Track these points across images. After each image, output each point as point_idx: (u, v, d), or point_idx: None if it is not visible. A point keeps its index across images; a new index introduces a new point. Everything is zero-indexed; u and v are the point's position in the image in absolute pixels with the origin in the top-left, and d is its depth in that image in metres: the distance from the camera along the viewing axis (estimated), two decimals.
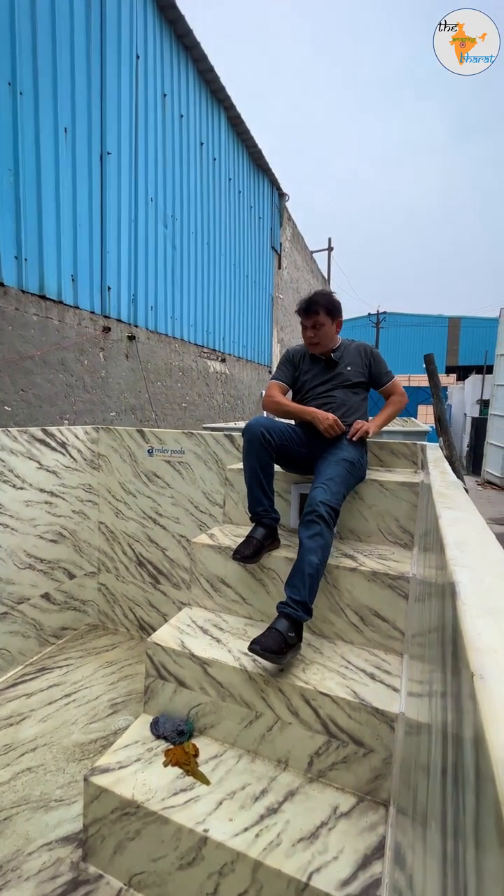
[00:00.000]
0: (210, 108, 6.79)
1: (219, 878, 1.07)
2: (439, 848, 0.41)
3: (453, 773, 0.38)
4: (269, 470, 1.69)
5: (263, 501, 1.68)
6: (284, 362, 1.95)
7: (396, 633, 1.46)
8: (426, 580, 0.93)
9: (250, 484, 1.69)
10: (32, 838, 1.33)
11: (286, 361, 1.95)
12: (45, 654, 2.35)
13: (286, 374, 1.92)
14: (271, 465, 1.69)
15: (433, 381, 3.44)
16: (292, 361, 1.94)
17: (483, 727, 0.28)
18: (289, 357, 1.95)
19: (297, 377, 1.92)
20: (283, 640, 1.28)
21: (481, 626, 0.39)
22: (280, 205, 10.03)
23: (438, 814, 0.43)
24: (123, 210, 4.91)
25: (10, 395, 3.61)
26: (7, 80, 3.46)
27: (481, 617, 0.40)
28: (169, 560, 2.58)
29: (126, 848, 1.18)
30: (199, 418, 6.74)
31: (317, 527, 1.40)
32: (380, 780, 1.18)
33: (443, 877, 0.37)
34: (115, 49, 4.64)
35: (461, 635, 0.39)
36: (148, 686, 1.49)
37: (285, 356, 1.96)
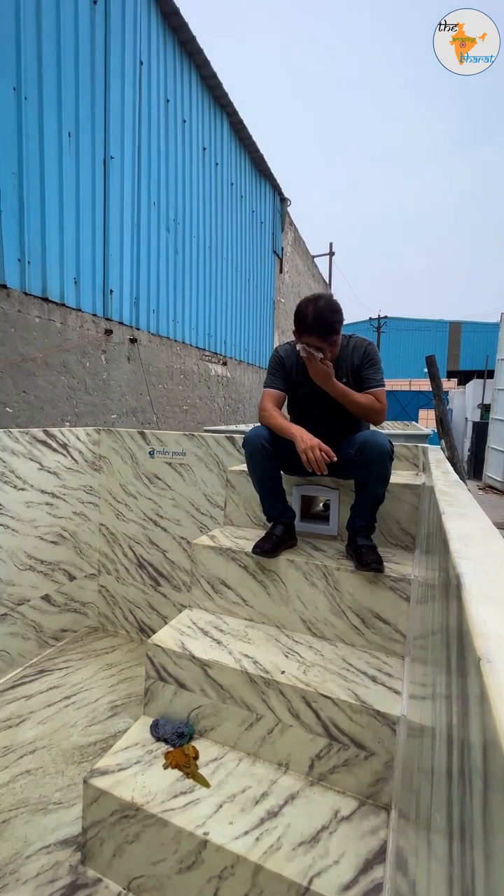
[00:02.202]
0: (212, 113, 6.84)
1: (219, 881, 1.06)
2: (445, 854, 0.40)
3: (459, 776, 0.38)
4: (276, 477, 1.69)
5: (277, 505, 1.71)
6: (277, 366, 1.75)
7: (398, 635, 1.45)
8: (428, 582, 0.93)
9: (260, 492, 1.71)
10: (31, 841, 1.32)
11: (278, 366, 1.75)
12: (45, 655, 2.34)
13: (279, 381, 1.75)
14: (277, 471, 1.69)
15: (435, 382, 3.44)
16: (284, 367, 1.74)
17: (494, 716, 0.27)
18: (280, 361, 1.75)
19: (289, 388, 1.76)
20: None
21: (487, 615, 0.39)
22: (282, 209, 10.09)
23: (443, 819, 0.43)
24: (126, 214, 4.94)
25: (11, 397, 3.62)
26: (12, 84, 3.50)
27: (487, 606, 0.41)
28: (169, 562, 2.58)
29: (125, 851, 1.17)
30: (200, 421, 6.74)
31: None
32: (381, 783, 1.17)
33: (448, 885, 0.37)
34: (119, 55, 4.69)
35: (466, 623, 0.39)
36: (148, 688, 1.48)
37: (276, 361, 1.76)
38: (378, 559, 1.49)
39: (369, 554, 1.51)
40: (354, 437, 1.61)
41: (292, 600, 1.60)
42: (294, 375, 1.74)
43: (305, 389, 1.73)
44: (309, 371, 1.62)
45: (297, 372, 1.73)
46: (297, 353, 1.72)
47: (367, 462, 1.51)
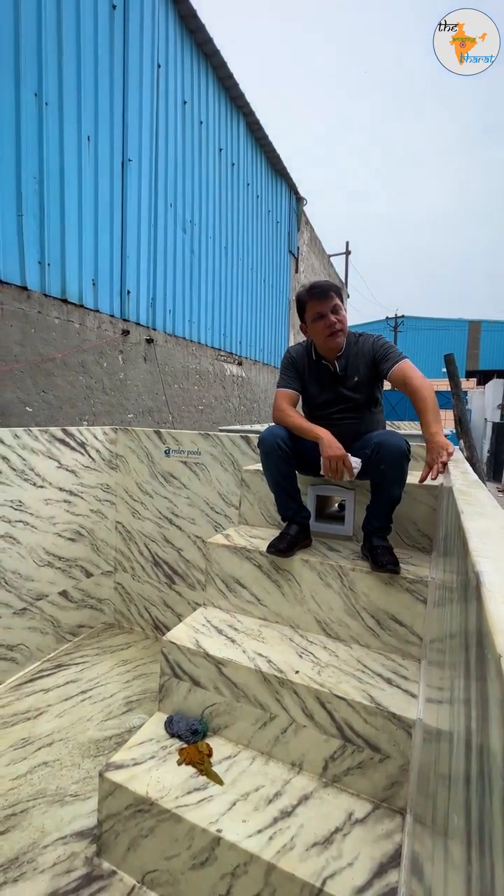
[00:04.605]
0: (229, 114, 6.87)
1: (232, 879, 1.06)
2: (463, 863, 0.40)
3: (478, 782, 0.37)
4: (292, 477, 1.69)
5: (292, 505, 1.71)
6: (289, 367, 1.75)
7: (414, 637, 1.43)
8: (446, 584, 0.91)
9: (276, 492, 1.71)
10: (48, 832, 1.35)
11: (290, 366, 1.75)
12: (62, 650, 2.39)
13: (294, 381, 1.74)
14: (293, 471, 1.69)
15: (454, 381, 3.38)
16: (296, 367, 1.74)
17: None
18: (292, 361, 1.75)
19: (303, 387, 1.75)
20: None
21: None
22: (298, 209, 10.06)
23: (461, 825, 0.42)
24: (143, 215, 5.00)
25: (31, 396, 3.70)
26: (34, 91, 3.58)
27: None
28: (184, 560, 2.59)
29: (139, 845, 1.19)
30: (215, 421, 6.77)
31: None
32: (396, 787, 1.16)
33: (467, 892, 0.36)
34: (138, 59, 4.75)
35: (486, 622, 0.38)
36: (162, 684, 1.49)
37: (288, 360, 1.76)
38: (394, 560, 1.47)
39: (385, 555, 1.49)
40: (370, 436, 1.59)
41: (307, 600, 1.59)
42: (307, 376, 1.74)
43: (319, 389, 1.73)
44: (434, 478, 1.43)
45: (310, 371, 1.74)
46: (308, 354, 1.74)
47: (384, 463, 1.49)
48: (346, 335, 1.65)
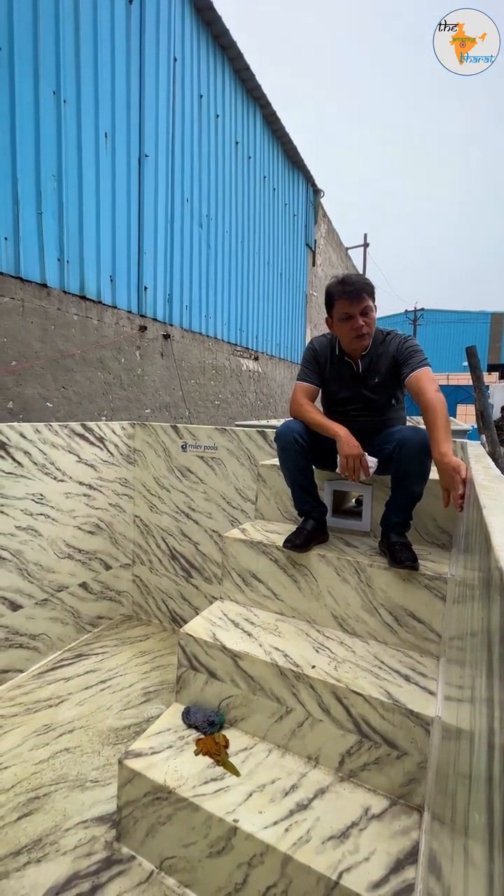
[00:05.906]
0: (245, 106, 6.81)
1: (248, 868, 1.07)
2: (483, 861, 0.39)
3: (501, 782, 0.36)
4: (308, 472, 1.68)
5: (309, 500, 1.70)
6: (311, 360, 1.72)
7: (433, 635, 1.41)
8: (467, 581, 0.89)
9: (292, 487, 1.71)
10: (70, 815, 1.39)
11: (312, 359, 1.71)
12: (83, 641, 2.44)
13: (314, 375, 1.71)
14: (310, 466, 1.68)
15: (475, 374, 3.30)
16: (317, 361, 1.70)
17: None
18: (314, 355, 1.71)
19: (322, 381, 1.72)
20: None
21: None
22: (315, 201, 9.93)
23: (483, 825, 0.41)
24: (160, 211, 5.01)
25: (52, 392, 3.77)
26: (52, 88, 3.61)
27: None
28: (201, 554, 2.62)
29: (158, 832, 1.21)
30: (231, 416, 6.78)
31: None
32: (413, 784, 1.15)
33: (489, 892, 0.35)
34: (154, 53, 4.74)
35: None
36: (180, 676, 1.51)
37: (310, 353, 1.72)
38: (413, 556, 1.45)
39: (404, 551, 1.47)
40: (391, 432, 1.57)
41: (323, 595, 1.59)
42: (328, 370, 1.71)
43: (339, 385, 1.70)
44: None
45: (332, 367, 1.70)
46: (332, 348, 1.69)
47: (406, 459, 1.46)
48: (372, 336, 1.60)
